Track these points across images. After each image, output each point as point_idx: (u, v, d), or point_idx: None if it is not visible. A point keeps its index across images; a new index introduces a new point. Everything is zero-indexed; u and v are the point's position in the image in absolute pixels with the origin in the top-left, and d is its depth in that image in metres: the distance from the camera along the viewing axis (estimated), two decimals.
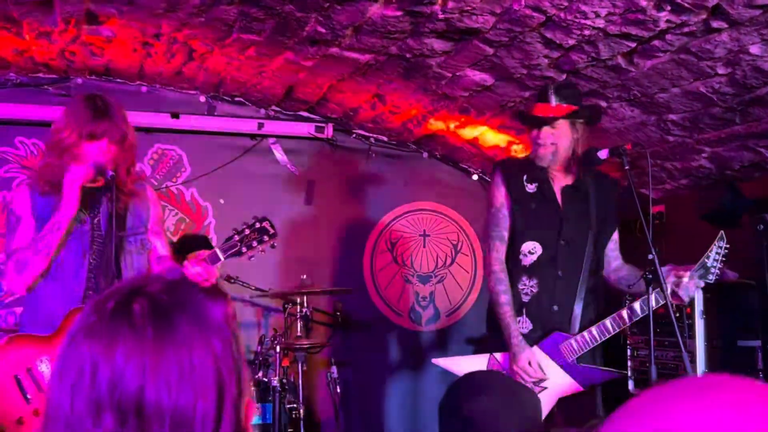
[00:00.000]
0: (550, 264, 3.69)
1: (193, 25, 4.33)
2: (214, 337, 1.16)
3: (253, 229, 3.28)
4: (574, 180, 3.77)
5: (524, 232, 3.72)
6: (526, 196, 3.75)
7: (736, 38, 3.32)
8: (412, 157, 6.30)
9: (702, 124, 4.22)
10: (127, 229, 3.30)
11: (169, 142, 5.79)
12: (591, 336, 3.60)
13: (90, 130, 3.18)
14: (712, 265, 3.59)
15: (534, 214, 3.72)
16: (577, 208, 3.74)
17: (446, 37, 3.96)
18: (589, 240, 3.71)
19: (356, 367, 5.88)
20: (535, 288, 3.69)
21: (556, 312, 3.67)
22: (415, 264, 6.27)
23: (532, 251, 3.71)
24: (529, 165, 3.77)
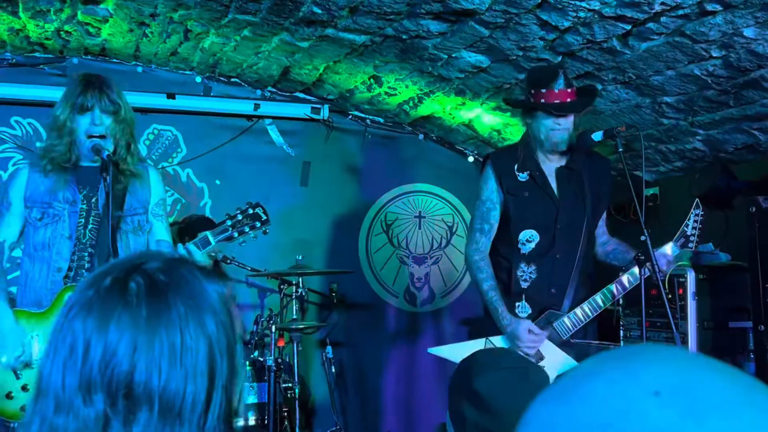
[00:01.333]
0: (549, 249, 3.71)
1: (188, 5, 4.32)
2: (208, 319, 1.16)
3: (245, 215, 3.30)
4: (568, 161, 3.78)
5: (520, 222, 3.74)
6: (519, 186, 3.75)
7: (730, 21, 3.34)
8: (408, 139, 6.31)
9: (696, 106, 4.23)
10: (125, 209, 3.32)
11: (164, 123, 5.78)
12: (583, 313, 3.65)
13: (81, 102, 3.21)
14: (692, 233, 3.64)
15: (528, 203, 3.74)
16: (572, 189, 3.76)
17: (442, 18, 3.96)
18: (586, 219, 3.73)
19: (351, 348, 5.92)
20: (534, 274, 3.71)
21: (554, 294, 3.70)
22: (411, 245, 6.30)
23: (530, 239, 3.72)
24: (520, 153, 3.78)
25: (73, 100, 3.22)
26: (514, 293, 3.72)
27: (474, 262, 3.78)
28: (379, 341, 6.13)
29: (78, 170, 3.32)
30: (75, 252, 3.27)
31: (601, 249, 3.92)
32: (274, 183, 5.92)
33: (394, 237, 6.27)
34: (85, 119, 3.23)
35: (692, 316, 4.04)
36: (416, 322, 6.25)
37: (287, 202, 5.94)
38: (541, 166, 3.76)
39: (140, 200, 3.43)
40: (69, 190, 3.30)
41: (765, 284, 3.71)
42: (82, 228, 3.29)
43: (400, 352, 6.14)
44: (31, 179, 3.31)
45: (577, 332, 3.67)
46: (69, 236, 3.26)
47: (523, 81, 4.07)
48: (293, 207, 5.97)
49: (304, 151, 6.07)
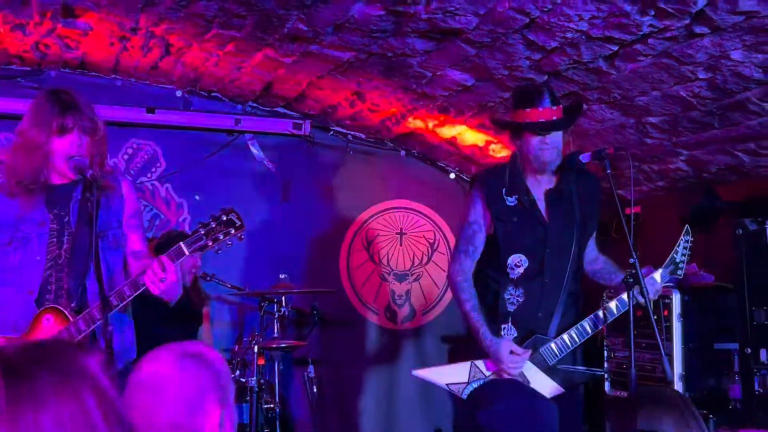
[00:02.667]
0: (537, 273, 3.68)
1: (171, 20, 4.27)
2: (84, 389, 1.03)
3: (219, 222, 3.18)
4: (557, 182, 3.75)
5: (509, 247, 3.70)
6: (507, 210, 3.71)
7: (718, 43, 3.34)
8: (390, 155, 6.28)
9: (680, 127, 4.24)
10: (99, 225, 3.21)
11: (144, 137, 5.72)
12: (570, 338, 3.62)
13: (60, 123, 3.11)
14: (681, 260, 3.65)
15: (517, 228, 3.70)
16: (562, 212, 3.73)
17: (428, 36, 3.95)
18: (574, 242, 3.71)
19: (333, 366, 5.86)
20: (522, 297, 3.68)
21: (541, 318, 3.67)
22: (392, 262, 6.26)
23: (519, 264, 3.69)
24: (508, 176, 3.75)
25: (49, 120, 3.12)
26: (501, 315, 3.69)
27: (457, 283, 3.75)
28: (360, 359, 6.08)
29: (48, 189, 3.22)
30: (51, 274, 3.17)
31: (590, 267, 3.90)
32: (254, 199, 5.87)
33: (375, 253, 6.23)
34: (64, 140, 3.13)
35: (678, 338, 4.04)
36: (397, 339, 6.20)
37: (268, 218, 5.89)
38: (530, 189, 3.73)
39: (114, 214, 3.32)
40: (37, 212, 3.19)
41: (751, 306, 3.72)
42: (55, 248, 3.19)
43: (381, 369, 6.09)
44: None
45: (565, 357, 3.65)
46: (39, 259, 3.16)
47: (508, 100, 4.05)
48: (274, 223, 5.92)
49: (286, 166, 6.02)
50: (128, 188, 3.43)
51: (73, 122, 3.11)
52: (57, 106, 3.13)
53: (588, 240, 3.85)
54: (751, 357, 3.70)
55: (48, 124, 3.11)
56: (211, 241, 3.13)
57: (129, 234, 3.38)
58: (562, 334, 3.62)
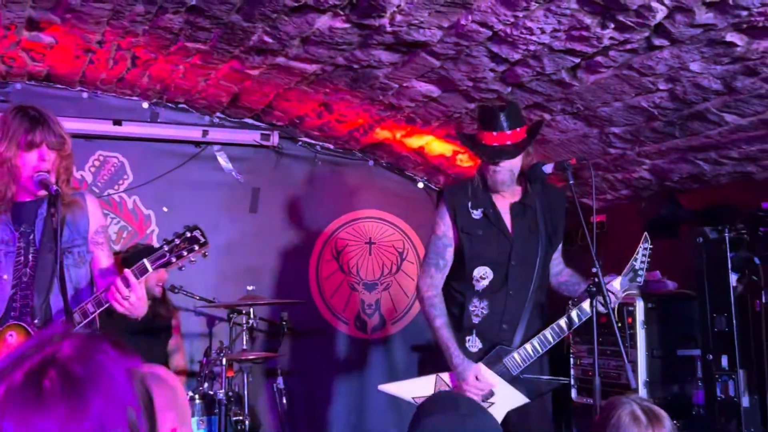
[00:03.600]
0: (502, 285, 3.72)
1: (137, 33, 4.27)
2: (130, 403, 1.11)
3: (183, 239, 3.17)
4: (522, 195, 3.79)
5: (474, 259, 3.74)
6: (473, 223, 3.75)
7: (677, 55, 3.40)
8: (358, 165, 6.31)
9: (643, 137, 4.31)
10: (63, 242, 3.19)
11: (111, 149, 5.69)
12: (533, 348, 3.65)
13: (29, 139, 3.10)
14: (640, 267, 3.69)
15: (482, 241, 3.74)
16: (527, 225, 3.77)
17: (394, 49, 3.97)
18: (539, 255, 3.74)
19: (302, 377, 5.86)
20: (486, 309, 3.72)
21: (505, 330, 3.70)
22: (361, 272, 6.28)
23: (484, 276, 3.73)
24: (473, 190, 3.78)
25: (17, 135, 3.10)
26: (465, 328, 3.72)
27: (427, 298, 3.76)
28: (330, 369, 6.08)
29: (14, 207, 3.20)
30: (17, 291, 3.15)
31: (554, 279, 3.95)
32: (223, 210, 5.86)
33: (345, 263, 6.25)
34: (32, 156, 3.12)
35: (642, 345, 4.09)
36: (367, 349, 6.22)
37: (236, 229, 5.89)
38: (495, 202, 3.77)
39: (79, 231, 3.30)
40: (4, 230, 3.17)
41: (713, 314, 3.78)
42: (21, 266, 3.17)
43: (352, 379, 6.10)
44: None
45: (532, 366, 3.68)
46: (6, 277, 3.14)
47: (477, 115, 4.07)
48: (243, 234, 5.91)
49: (254, 177, 6.02)
50: (93, 204, 3.41)
51: (41, 137, 3.10)
52: (25, 121, 3.12)
53: (554, 252, 3.89)
54: (713, 363, 3.76)
55: (15, 140, 3.10)
56: (175, 257, 3.12)
57: (95, 251, 3.36)
58: (524, 345, 3.66)
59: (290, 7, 3.63)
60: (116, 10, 3.95)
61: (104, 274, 3.35)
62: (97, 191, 5.58)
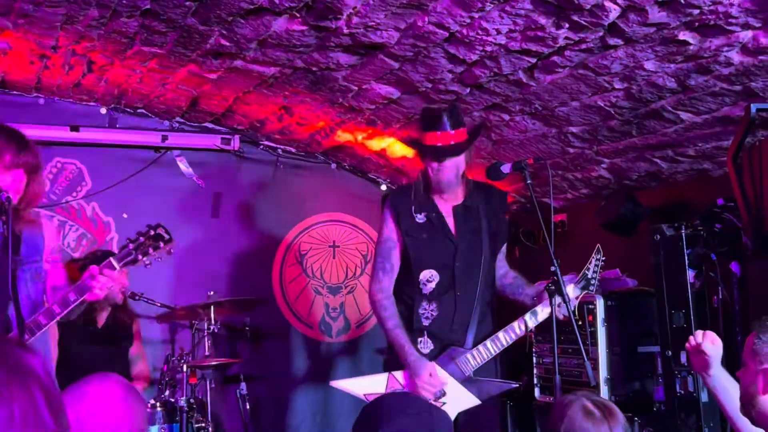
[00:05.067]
0: (449, 287, 3.75)
1: (91, 38, 4.21)
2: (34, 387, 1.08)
3: (147, 237, 3.18)
4: (465, 197, 3.84)
5: (420, 262, 3.78)
6: (416, 227, 3.80)
7: (631, 54, 3.43)
8: (321, 168, 6.29)
9: (601, 136, 4.34)
10: (21, 256, 3.18)
11: (68, 156, 5.62)
12: (486, 349, 3.68)
13: (14, 160, 3.09)
14: (593, 277, 3.75)
15: (426, 244, 3.78)
16: (470, 226, 3.82)
17: (351, 51, 3.97)
18: (484, 255, 3.79)
19: (267, 382, 5.82)
20: (435, 311, 3.74)
21: (456, 330, 3.73)
22: (325, 275, 6.26)
23: (430, 279, 3.76)
24: (416, 194, 3.83)
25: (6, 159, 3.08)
26: (416, 330, 3.74)
27: (378, 301, 3.80)
28: (295, 374, 6.05)
29: None
30: None
31: (499, 281, 3.99)
32: (184, 215, 5.81)
33: (309, 267, 6.22)
34: (7, 176, 3.09)
35: (602, 342, 4.12)
36: (332, 352, 6.20)
37: (198, 235, 5.84)
38: (437, 206, 3.82)
39: (35, 247, 3.30)
40: None
41: (671, 310, 3.81)
42: None
43: (317, 383, 6.06)
44: None
45: (486, 368, 3.71)
46: None
47: None
48: (204, 239, 5.87)
49: (215, 182, 5.98)
50: (48, 226, 3.46)
51: (23, 160, 3.10)
52: (13, 142, 3.11)
53: (498, 253, 3.93)
54: (672, 359, 3.79)
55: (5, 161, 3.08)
56: (141, 255, 3.14)
57: (50, 269, 3.36)
58: (477, 345, 3.68)
59: (246, 10, 3.61)
60: (70, 15, 3.89)
61: (56, 292, 3.36)
62: (54, 198, 5.51)
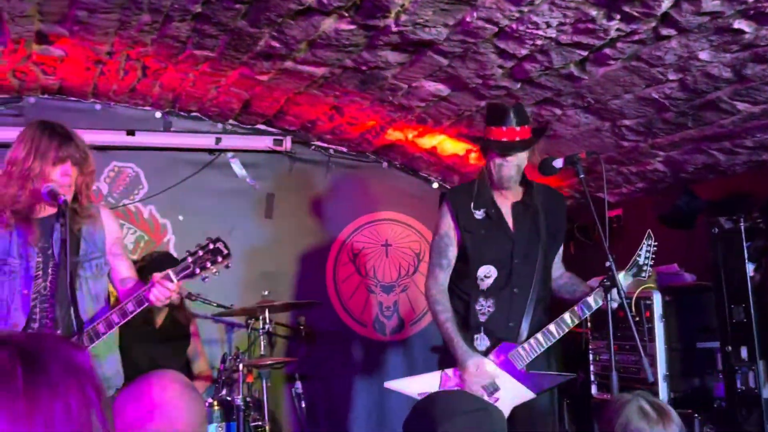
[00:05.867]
0: (506, 283, 3.79)
1: (145, 43, 4.29)
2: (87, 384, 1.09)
3: (206, 251, 3.24)
4: (524, 195, 3.89)
5: (478, 258, 3.83)
6: (476, 224, 3.86)
7: (685, 45, 3.37)
8: (372, 167, 6.30)
9: (655, 128, 4.27)
10: (80, 255, 3.25)
11: (125, 160, 5.72)
12: (537, 342, 3.70)
13: (56, 155, 3.16)
14: (644, 263, 3.72)
15: (485, 240, 3.84)
16: (528, 223, 3.86)
17: (401, 49, 3.97)
18: (540, 253, 3.81)
19: (322, 381, 5.85)
20: (492, 307, 3.79)
21: (511, 327, 3.76)
22: (378, 274, 6.27)
23: (488, 275, 3.81)
24: (476, 191, 3.89)
25: (44, 151, 3.15)
26: (472, 326, 3.80)
27: (432, 296, 3.89)
28: (349, 373, 6.07)
29: (34, 222, 3.25)
30: (36, 305, 3.19)
31: (555, 283, 4.04)
32: (238, 216, 5.87)
33: (362, 266, 6.24)
34: (55, 171, 3.17)
35: (660, 339, 4.05)
36: (386, 351, 6.20)
37: (252, 235, 5.89)
38: (497, 202, 3.87)
39: (96, 243, 3.36)
40: (23, 244, 3.22)
41: (730, 305, 3.73)
42: (40, 280, 3.21)
43: (371, 382, 6.07)
44: None
45: (539, 362, 3.71)
46: (26, 292, 3.18)
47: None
48: (258, 240, 5.92)
49: (268, 183, 6.03)
50: (108, 217, 3.47)
51: (66, 153, 3.16)
52: (54, 137, 3.19)
53: (554, 255, 3.96)
54: (732, 355, 3.71)
55: (45, 155, 3.16)
56: (199, 269, 3.22)
57: (113, 262, 3.42)
58: (529, 339, 3.70)
59: (295, 11, 3.64)
60: (123, 21, 3.97)
61: (125, 284, 3.41)
62: (112, 202, 5.62)
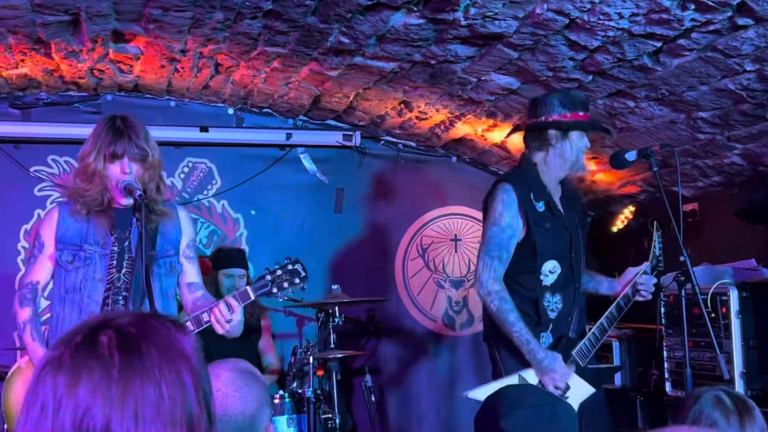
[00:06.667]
0: (570, 278, 3.76)
1: (217, 40, 4.36)
2: (183, 369, 1.12)
3: (285, 270, 3.34)
4: (563, 191, 3.89)
5: (545, 253, 3.68)
6: (540, 216, 3.71)
7: (762, 35, 3.28)
8: (441, 162, 6.29)
9: (732, 120, 4.16)
10: (157, 250, 3.32)
11: (199, 156, 5.84)
12: (594, 337, 3.69)
13: (111, 150, 3.22)
14: (659, 254, 3.69)
15: (549, 235, 3.70)
16: (573, 217, 3.87)
17: (470, 42, 3.95)
18: (583, 246, 3.86)
19: (391, 374, 5.89)
20: (560, 303, 3.73)
21: (569, 322, 3.77)
22: (447, 269, 6.26)
23: (553, 270, 3.71)
24: (533, 181, 3.76)
25: (103, 147, 3.23)
26: (543, 324, 3.67)
27: (496, 292, 3.59)
28: (419, 367, 6.09)
29: (110, 212, 3.32)
30: (109, 296, 3.27)
31: None
32: (308, 211, 5.94)
33: (431, 261, 6.24)
34: (114, 167, 3.24)
35: (737, 335, 3.95)
36: (456, 346, 6.20)
37: (322, 230, 5.96)
38: (552, 194, 3.80)
39: (171, 241, 3.43)
40: (100, 233, 3.30)
41: None
42: (114, 271, 3.29)
43: (441, 376, 6.09)
44: (62, 221, 3.32)
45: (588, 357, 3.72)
46: (100, 279, 3.26)
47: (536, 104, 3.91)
48: (328, 234, 5.98)
49: (338, 178, 6.08)
50: (185, 217, 3.54)
51: (122, 149, 3.22)
52: (110, 133, 3.25)
53: None
54: None
55: (101, 151, 3.23)
56: (276, 288, 3.31)
57: (185, 264, 3.48)
58: (587, 335, 3.68)
59: (364, 6, 3.65)
60: (196, 19, 4.04)
61: (193, 290, 3.47)
62: (186, 197, 5.74)
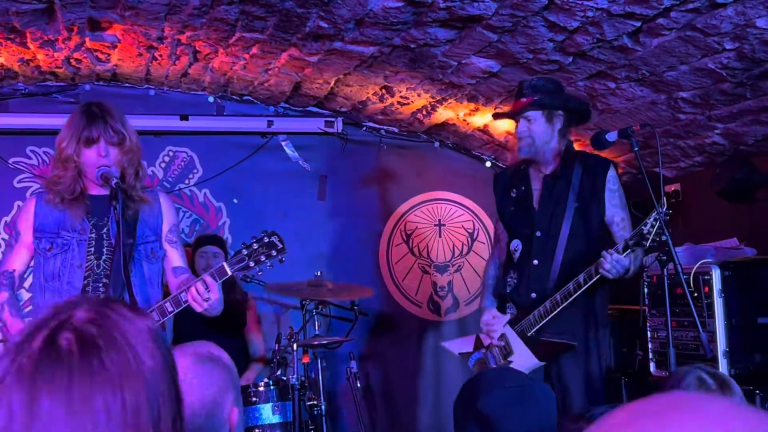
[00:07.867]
0: (527, 255, 3.93)
1: (195, 27, 4.32)
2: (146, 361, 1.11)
3: (261, 244, 3.26)
4: (555, 168, 3.92)
5: (510, 233, 4.10)
6: (509, 202, 4.10)
7: (741, 12, 3.27)
8: (424, 147, 6.27)
9: (713, 100, 4.16)
10: (137, 237, 3.30)
11: (179, 144, 5.79)
12: (544, 309, 3.76)
13: (86, 135, 3.19)
14: (648, 232, 3.43)
15: (514, 216, 4.06)
16: (554, 197, 3.89)
17: (449, 25, 3.93)
18: (565, 225, 3.83)
19: (377, 360, 5.88)
20: (515, 279, 3.96)
21: (534, 299, 3.85)
22: (432, 254, 6.25)
23: (516, 249, 4.01)
24: (515, 170, 4.12)
25: (78, 132, 3.19)
26: (502, 296, 4.05)
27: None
28: (405, 352, 6.08)
29: (87, 199, 3.30)
30: (89, 283, 3.25)
31: None
32: (291, 198, 5.91)
33: (415, 246, 6.23)
34: (91, 152, 3.21)
35: (719, 314, 3.95)
36: (441, 331, 6.19)
37: (305, 217, 5.93)
38: (530, 177, 4.00)
39: (151, 227, 3.40)
40: (77, 220, 3.28)
41: None
42: (93, 258, 3.27)
43: (427, 362, 6.08)
44: (39, 210, 3.30)
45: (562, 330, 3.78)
46: (79, 265, 3.24)
47: None
48: (311, 221, 5.95)
49: (320, 164, 6.05)
50: (166, 203, 3.51)
51: (97, 133, 3.18)
52: (84, 118, 3.22)
53: (595, 222, 3.88)
54: None
55: (77, 137, 3.19)
56: (253, 262, 3.25)
57: (168, 249, 3.45)
58: (538, 307, 3.78)
59: None
60: (173, 5, 4.00)
61: (178, 274, 3.44)
62: (168, 186, 5.69)
